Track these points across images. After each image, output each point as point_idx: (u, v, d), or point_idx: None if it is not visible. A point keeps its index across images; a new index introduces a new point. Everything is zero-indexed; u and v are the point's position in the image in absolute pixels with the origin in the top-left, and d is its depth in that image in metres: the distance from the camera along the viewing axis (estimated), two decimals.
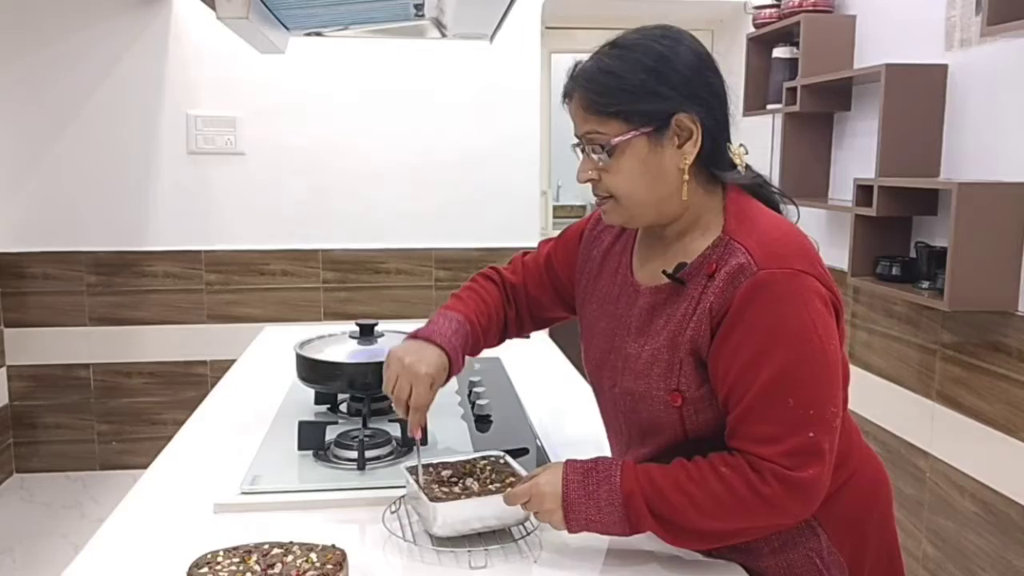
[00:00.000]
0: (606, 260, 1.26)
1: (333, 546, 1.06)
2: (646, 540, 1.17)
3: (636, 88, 1.05)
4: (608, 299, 1.23)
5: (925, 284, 2.34)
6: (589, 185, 1.13)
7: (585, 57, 1.12)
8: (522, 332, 1.44)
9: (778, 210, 1.16)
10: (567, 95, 1.12)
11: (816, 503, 1.04)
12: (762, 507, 1.02)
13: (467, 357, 1.32)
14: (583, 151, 1.11)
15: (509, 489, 1.13)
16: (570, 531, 1.09)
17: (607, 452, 1.53)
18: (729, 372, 1.04)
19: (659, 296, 1.13)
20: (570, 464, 1.11)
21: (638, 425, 1.17)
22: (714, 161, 1.11)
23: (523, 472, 1.22)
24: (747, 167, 1.15)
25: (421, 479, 1.20)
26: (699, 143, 1.07)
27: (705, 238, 1.11)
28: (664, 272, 1.11)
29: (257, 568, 1.01)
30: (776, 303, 1.02)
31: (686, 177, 1.08)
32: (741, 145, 1.14)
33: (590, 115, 1.08)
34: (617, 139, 1.06)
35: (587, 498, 1.07)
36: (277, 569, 1.01)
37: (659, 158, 1.08)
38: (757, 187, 1.16)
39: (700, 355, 1.08)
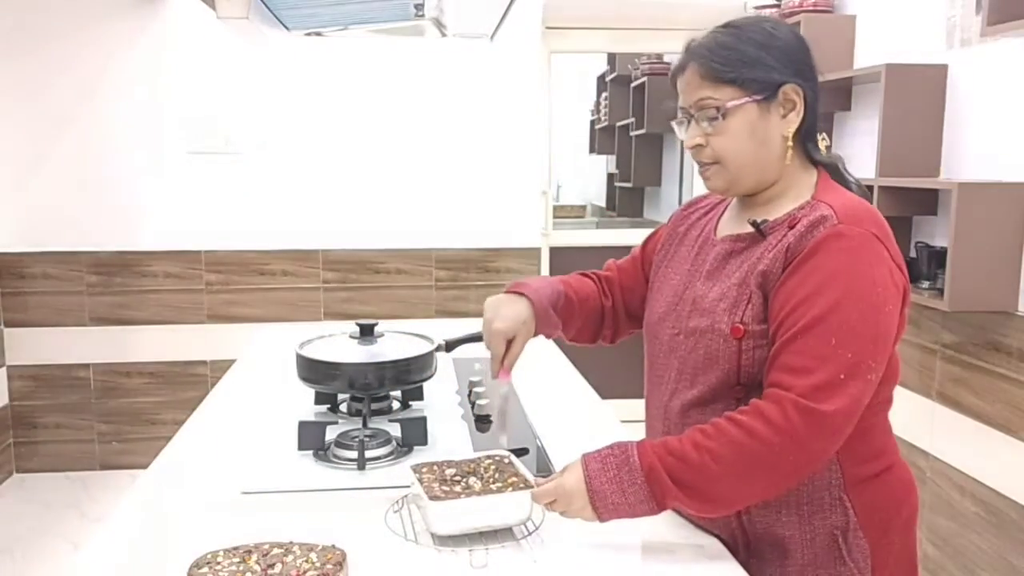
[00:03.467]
0: (690, 231, 1.34)
1: (333, 546, 1.06)
2: (647, 541, 1.17)
3: (750, 59, 1.15)
4: (684, 260, 1.30)
5: (925, 284, 2.34)
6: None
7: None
8: (619, 330, 1.48)
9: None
10: (681, 68, 1.20)
11: (837, 441, 1.06)
12: (782, 443, 1.03)
13: (556, 329, 1.41)
14: (690, 120, 1.19)
15: (535, 488, 1.14)
16: (601, 520, 1.10)
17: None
18: (785, 305, 1.09)
19: (738, 244, 1.21)
20: (587, 456, 1.12)
21: (692, 363, 1.20)
22: (810, 136, 1.21)
23: (527, 472, 1.22)
24: (828, 148, 1.25)
25: (497, 415, 1.29)
26: (802, 114, 1.17)
27: (789, 204, 1.18)
28: (749, 221, 1.18)
29: (257, 568, 1.01)
30: (847, 253, 1.08)
31: (790, 144, 1.18)
32: (822, 133, 1.26)
33: (706, 82, 1.16)
34: (732, 103, 1.15)
35: (610, 483, 1.09)
36: (277, 569, 1.01)
37: (766, 125, 1.16)
38: (837, 170, 1.24)
39: (767, 290, 1.13)
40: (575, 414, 1.77)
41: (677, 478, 1.06)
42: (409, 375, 1.61)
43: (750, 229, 1.19)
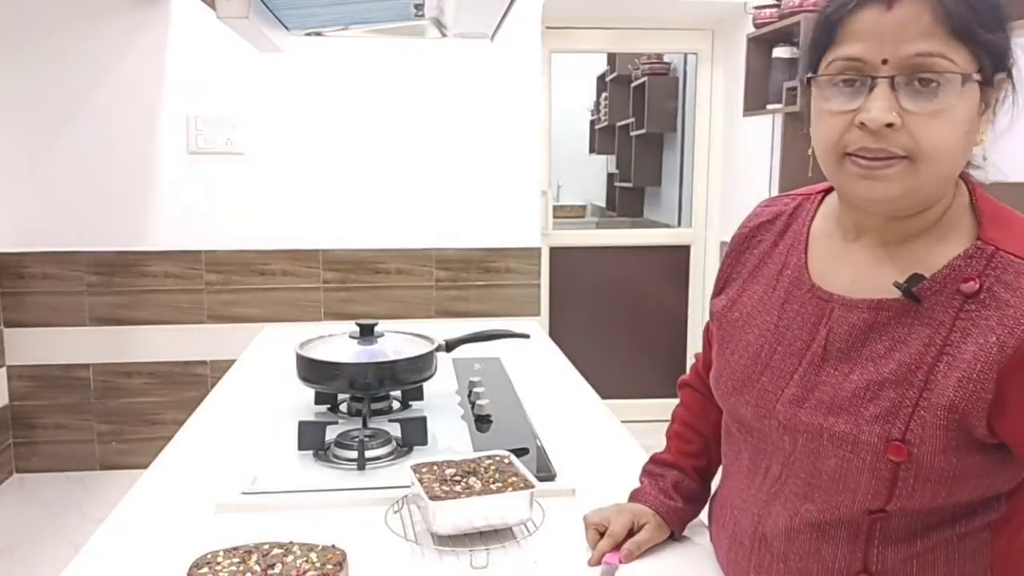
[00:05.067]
0: (764, 263, 0.98)
1: (333, 546, 1.06)
2: (652, 549, 1.17)
3: (999, 17, 0.78)
4: (763, 307, 0.95)
5: None
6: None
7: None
8: None
9: None
10: None
11: None
12: None
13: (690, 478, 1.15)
14: (873, 82, 0.78)
15: None
16: None
17: (609, 453, 1.53)
18: None
19: (880, 314, 0.84)
20: None
21: (810, 472, 0.87)
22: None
23: (527, 472, 1.22)
24: None
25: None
26: (993, 118, 0.84)
27: (947, 244, 0.83)
28: (897, 284, 0.82)
29: (257, 568, 1.01)
30: None
31: (985, 156, 0.86)
32: None
33: (942, 30, 0.76)
34: (975, 75, 0.77)
35: None
36: (277, 569, 1.01)
37: (977, 118, 0.81)
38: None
39: (955, 403, 0.78)
40: (575, 414, 1.77)
41: None
42: (409, 375, 1.62)
43: (891, 289, 0.83)
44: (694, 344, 4.26)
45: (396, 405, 1.72)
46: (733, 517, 0.99)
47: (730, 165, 4.04)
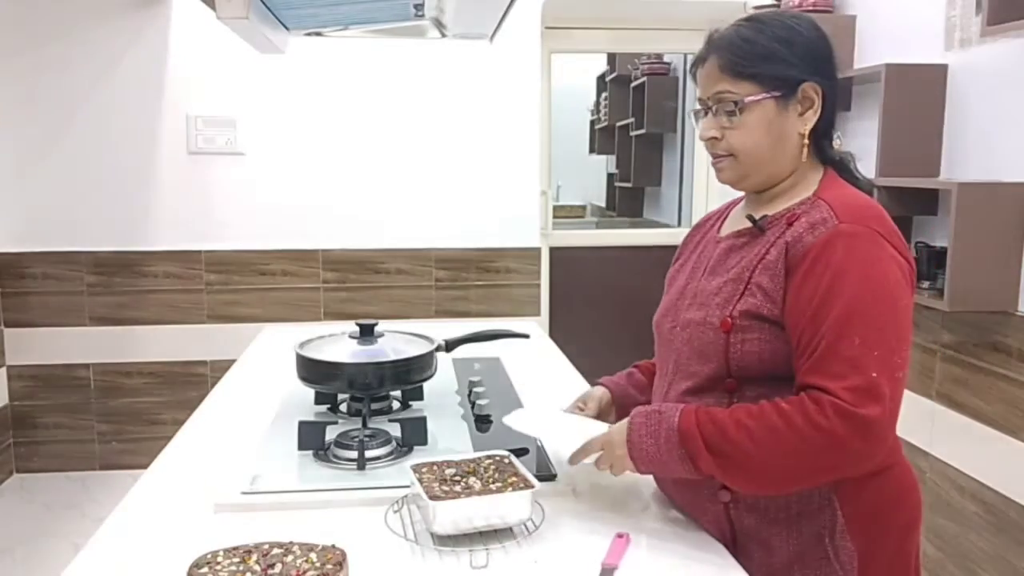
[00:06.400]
0: (703, 239, 1.36)
1: (333, 546, 1.06)
2: (651, 541, 1.17)
3: (770, 54, 1.16)
4: (688, 264, 1.34)
5: (925, 284, 2.34)
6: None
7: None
8: None
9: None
10: (701, 60, 1.22)
11: (878, 446, 1.05)
12: (821, 441, 1.03)
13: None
14: (707, 112, 1.21)
15: (582, 444, 1.22)
16: (638, 469, 1.16)
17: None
18: (803, 312, 1.09)
19: (738, 240, 1.23)
20: (637, 409, 1.19)
21: (686, 355, 1.23)
22: (826, 134, 1.23)
23: (527, 472, 1.22)
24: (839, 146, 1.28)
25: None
26: (819, 112, 1.18)
27: (793, 200, 1.20)
28: (748, 217, 1.21)
29: (257, 568, 1.01)
30: (852, 251, 1.08)
31: (806, 142, 1.19)
32: (837, 134, 1.30)
33: (725, 75, 1.18)
34: (749, 98, 1.16)
35: (648, 436, 1.14)
36: (277, 569, 1.01)
37: (782, 122, 1.18)
38: (846, 168, 1.25)
39: (765, 287, 1.14)
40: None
41: (712, 447, 1.09)
42: (409, 375, 1.62)
43: (749, 225, 1.21)
44: None
45: (396, 405, 1.72)
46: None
47: None
